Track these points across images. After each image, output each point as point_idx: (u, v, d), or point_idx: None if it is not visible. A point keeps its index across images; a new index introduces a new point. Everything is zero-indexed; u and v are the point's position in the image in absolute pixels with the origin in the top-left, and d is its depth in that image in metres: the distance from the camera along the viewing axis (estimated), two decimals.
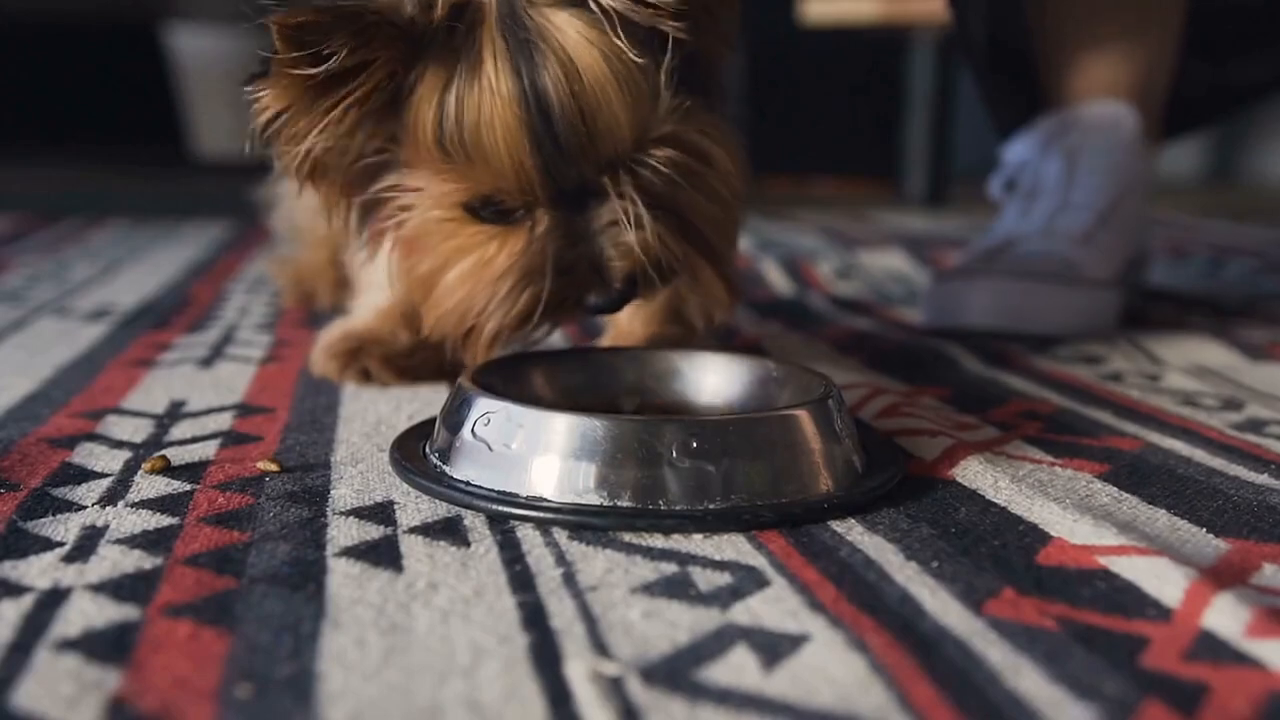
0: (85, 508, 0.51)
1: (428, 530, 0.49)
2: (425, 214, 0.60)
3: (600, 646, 0.38)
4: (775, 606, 0.42)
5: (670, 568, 0.45)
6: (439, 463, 0.54)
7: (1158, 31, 1.04)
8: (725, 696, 0.35)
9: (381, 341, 0.74)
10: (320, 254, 1.00)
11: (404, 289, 0.64)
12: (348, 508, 0.51)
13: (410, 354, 0.73)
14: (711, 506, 0.49)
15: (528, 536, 0.48)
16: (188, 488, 0.54)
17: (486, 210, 0.59)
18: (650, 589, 0.43)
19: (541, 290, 0.58)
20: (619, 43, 0.55)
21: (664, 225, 0.58)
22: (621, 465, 0.49)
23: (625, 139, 0.57)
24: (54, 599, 0.41)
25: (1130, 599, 0.43)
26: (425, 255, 0.61)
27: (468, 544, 0.47)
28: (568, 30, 0.55)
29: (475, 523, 0.50)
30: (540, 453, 0.50)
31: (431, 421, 0.58)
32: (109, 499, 0.52)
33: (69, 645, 0.38)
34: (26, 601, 0.41)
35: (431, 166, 0.58)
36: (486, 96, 0.55)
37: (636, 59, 0.55)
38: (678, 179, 0.59)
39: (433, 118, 0.56)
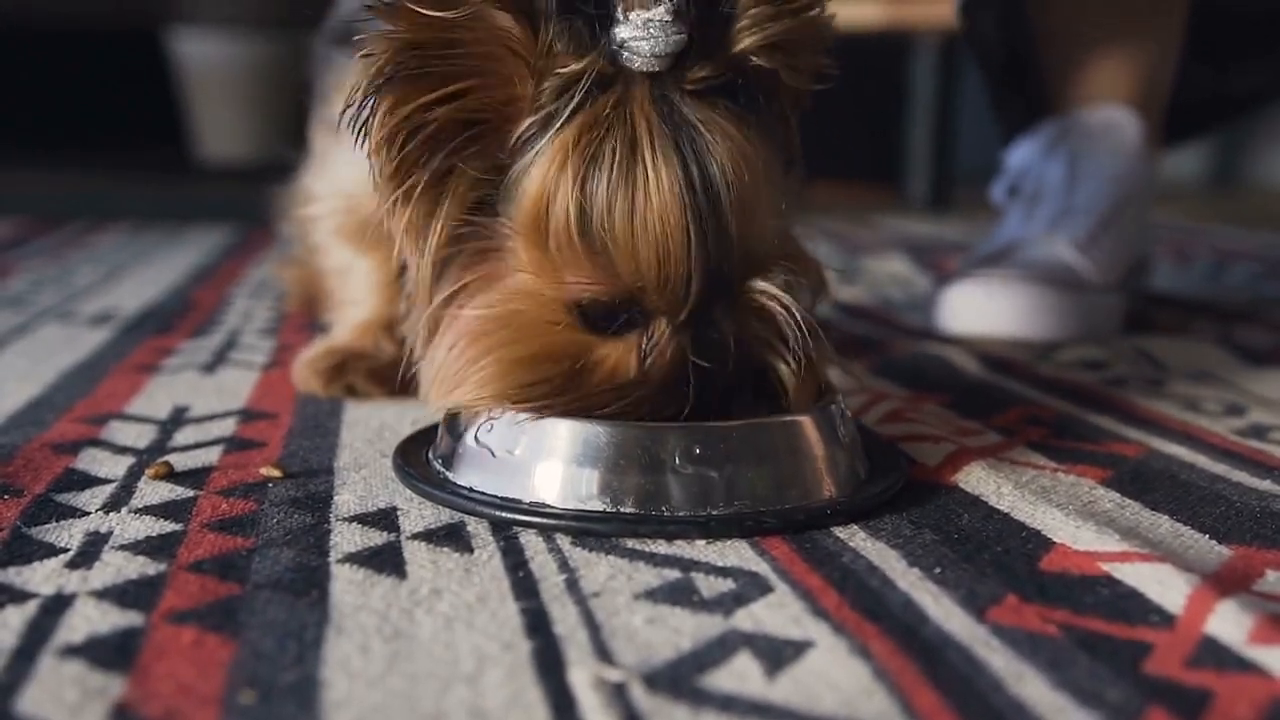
0: (89, 513, 0.51)
1: (431, 536, 0.49)
2: (519, 306, 0.52)
3: (603, 653, 0.38)
4: (778, 613, 0.42)
5: (673, 574, 0.45)
6: (442, 469, 0.54)
7: (1159, 37, 1.04)
8: (728, 703, 0.35)
9: (366, 355, 0.73)
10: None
11: (451, 365, 0.53)
12: (351, 514, 0.51)
13: (397, 366, 0.72)
14: (714, 512, 0.49)
15: (531, 543, 0.48)
16: (191, 493, 0.54)
17: (598, 316, 0.51)
18: (653, 595, 0.43)
19: (644, 403, 0.50)
20: (763, 146, 0.51)
21: (814, 327, 0.51)
22: (624, 471, 0.49)
23: (765, 250, 0.51)
24: (58, 605, 0.41)
25: (1133, 605, 0.43)
26: (509, 343, 0.52)
27: (471, 550, 0.47)
28: (723, 120, 0.50)
29: (478, 529, 0.50)
30: (543, 459, 0.50)
31: (435, 427, 0.58)
32: (112, 505, 0.52)
33: (73, 651, 0.38)
34: (30, 607, 0.41)
35: (543, 255, 0.50)
36: (648, 184, 0.48)
37: (775, 163, 0.52)
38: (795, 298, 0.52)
39: (574, 203, 0.49)
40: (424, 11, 0.49)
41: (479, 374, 0.52)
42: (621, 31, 0.50)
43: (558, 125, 0.49)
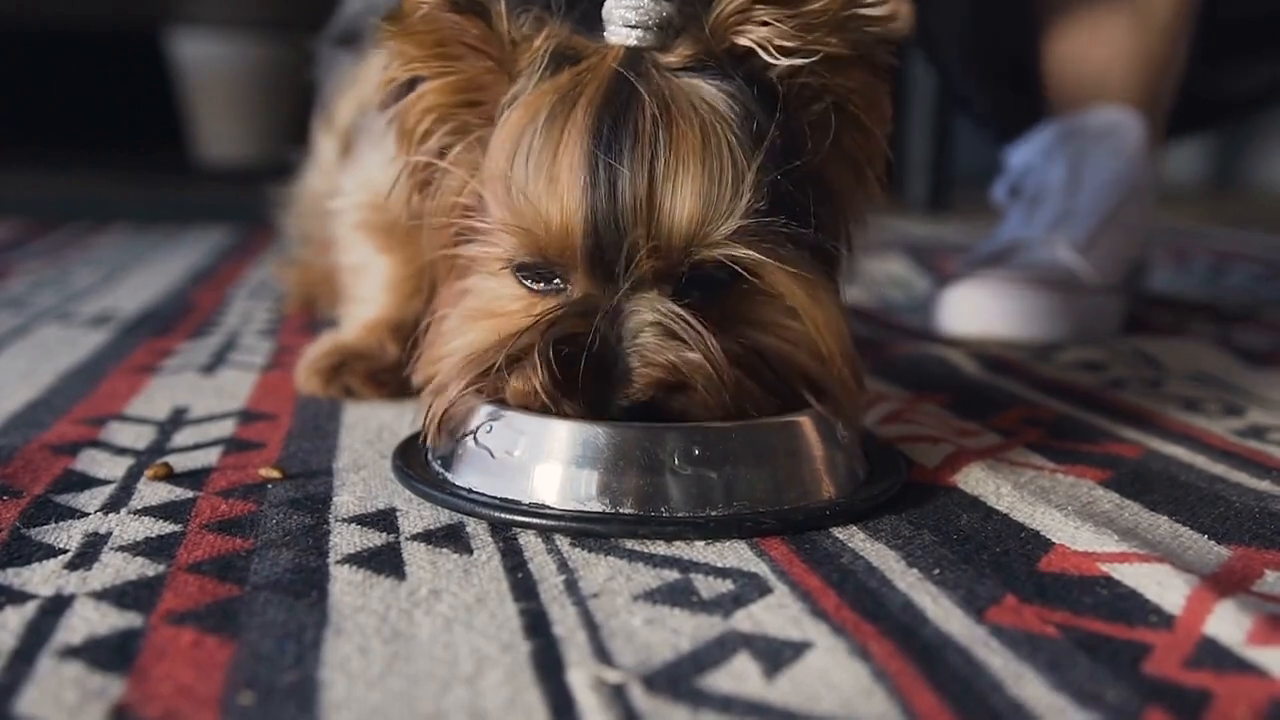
0: (88, 514, 0.51)
1: (430, 537, 0.49)
2: (480, 276, 0.55)
3: (602, 654, 0.38)
4: (777, 614, 0.42)
5: (672, 575, 0.45)
6: (441, 470, 0.54)
7: (1164, 39, 1.04)
8: (727, 704, 0.35)
9: (367, 356, 0.73)
10: (327, 260, 1.00)
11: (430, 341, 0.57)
12: (350, 515, 0.51)
13: (397, 369, 0.72)
14: (713, 513, 0.49)
15: (530, 544, 0.48)
16: (190, 495, 0.54)
17: (529, 273, 0.52)
18: (652, 596, 0.43)
19: (543, 366, 0.49)
20: (728, 119, 0.49)
21: (713, 346, 0.49)
22: (623, 472, 0.49)
23: (686, 233, 0.49)
24: (57, 606, 0.41)
25: (1132, 606, 0.43)
26: (460, 314, 0.55)
27: (470, 551, 0.47)
28: (682, 94, 0.49)
29: (478, 530, 0.50)
30: (542, 460, 0.50)
31: None
32: (111, 506, 0.52)
33: (72, 653, 0.38)
34: (29, 609, 0.41)
35: (496, 207, 0.52)
36: (564, 136, 0.49)
37: (733, 137, 0.49)
38: (743, 305, 0.51)
39: (508, 153, 0.51)
40: (389, 25, 0.54)
41: (442, 345, 0.56)
42: (607, 3, 0.52)
43: (523, 96, 0.52)
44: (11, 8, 2.25)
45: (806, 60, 0.51)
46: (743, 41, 0.51)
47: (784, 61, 0.51)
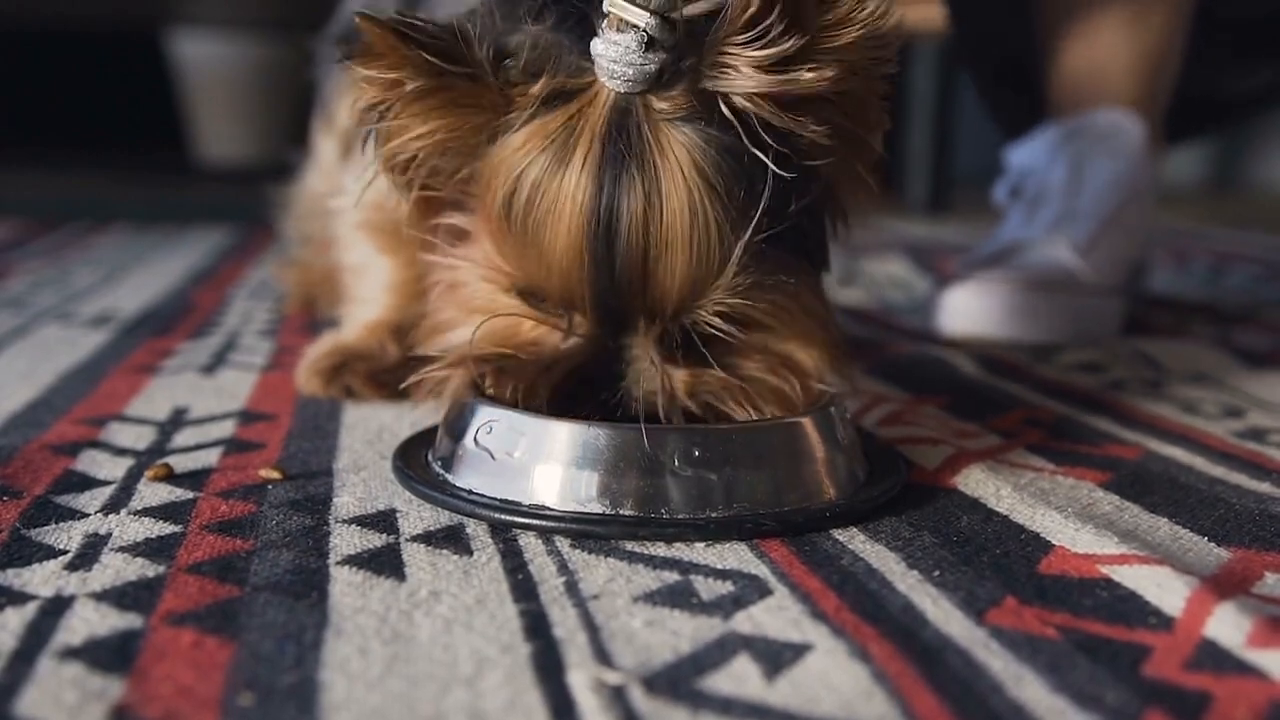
0: (88, 515, 0.51)
1: (430, 538, 0.49)
2: (475, 280, 0.56)
3: (603, 655, 0.38)
4: (777, 615, 0.42)
5: (672, 576, 0.45)
6: (441, 471, 0.54)
7: (1161, 38, 1.04)
8: (727, 705, 0.35)
9: (367, 357, 0.73)
10: (327, 260, 1.00)
11: (427, 327, 0.60)
12: (350, 516, 0.51)
13: (397, 370, 0.72)
14: (714, 515, 0.49)
15: (530, 545, 0.48)
16: (190, 495, 0.54)
17: (533, 299, 0.54)
18: (652, 598, 0.43)
19: (549, 394, 0.53)
20: (716, 188, 0.49)
21: (702, 386, 0.53)
22: (624, 474, 0.49)
23: (676, 294, 0.51)
24: (57, 607, 0.41)
25: (1132, 608, 0.43)
26: (457, 307, 0.57)
27: (470, 552, 0.47)
28: (672, 157, 0.49)
29: (478, 531, 0.50)
30: (543, 461, 0.50)
31: (434, 429, 0.58)
32: (112, 506, 0.52)
33: (72, 653, 0.38)
34: (29, 609, 0.41)
35: (492, 236, 0.53)
36: (562, 197, 0.50)
37: (721, 212, 0.49)
38: (736, 349, 0.53)
39: (505, 191, 0.51)
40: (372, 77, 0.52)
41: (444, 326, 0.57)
42: (596, 45, 0.50)
43: (521, 121, 0.51)
44: (11, 8, 2.25)
45: (795, 141, 0.51)
46: (729, 113, 0.50)
47: (768, 157, 0.50)
